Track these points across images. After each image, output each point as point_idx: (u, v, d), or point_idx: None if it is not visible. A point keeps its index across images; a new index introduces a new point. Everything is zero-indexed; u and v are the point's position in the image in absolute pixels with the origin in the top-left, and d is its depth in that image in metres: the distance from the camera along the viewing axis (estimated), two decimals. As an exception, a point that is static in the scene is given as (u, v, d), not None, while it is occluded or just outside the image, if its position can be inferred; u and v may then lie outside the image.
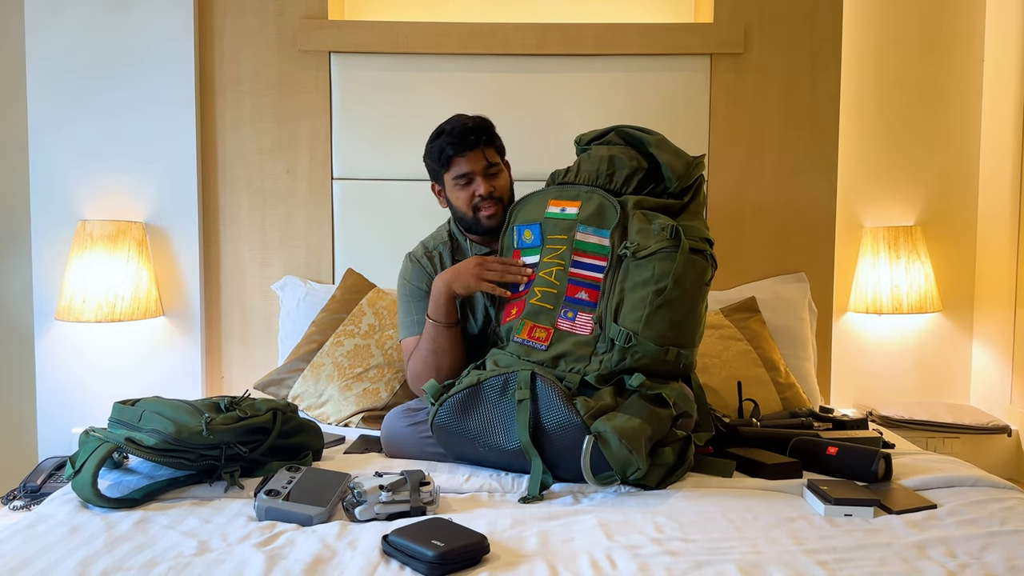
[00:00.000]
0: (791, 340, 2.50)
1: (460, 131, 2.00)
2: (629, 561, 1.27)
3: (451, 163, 2.01)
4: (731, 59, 2.62)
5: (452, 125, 2.03)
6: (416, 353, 2.00)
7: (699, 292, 1.78)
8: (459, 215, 2.07)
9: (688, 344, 1.77)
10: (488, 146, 2.02)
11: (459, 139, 1.99)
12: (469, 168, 2.00)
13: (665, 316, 1.73)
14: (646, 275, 1.74)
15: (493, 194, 2.01)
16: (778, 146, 2.65)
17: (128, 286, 2.47)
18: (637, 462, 1.55)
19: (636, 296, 1.74)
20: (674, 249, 1.75)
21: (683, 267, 1.73)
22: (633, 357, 1.72)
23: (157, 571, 1.23)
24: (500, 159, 2.08)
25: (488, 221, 2.02)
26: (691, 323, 1.78)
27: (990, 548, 1.32)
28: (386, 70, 2.62)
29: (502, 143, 2.10)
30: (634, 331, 1.72)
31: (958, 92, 2.81)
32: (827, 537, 1.38)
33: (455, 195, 2.05)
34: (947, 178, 2.83)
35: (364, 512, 1.45)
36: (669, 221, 1.79)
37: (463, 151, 1.99)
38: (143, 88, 2.57)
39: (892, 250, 2.73)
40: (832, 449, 1.75)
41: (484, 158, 2.01)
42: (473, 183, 2.02)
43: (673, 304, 1.73)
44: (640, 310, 1.73)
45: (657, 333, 1.72)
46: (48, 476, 2.10)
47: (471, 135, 1.99)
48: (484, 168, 2.01)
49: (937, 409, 2.65)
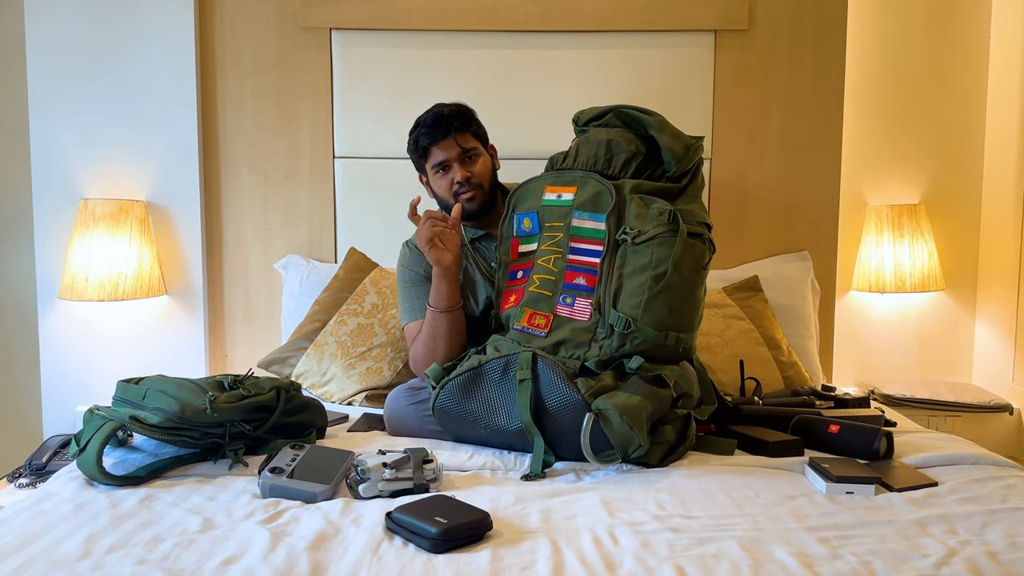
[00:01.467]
0: (793, 319, 2.50)
1: (432, 120, 2.02)
2: (631, 538, 1.27)
3: (427, 153, 2.04)
4: (735, 36, 2.60)
5: (427, 115, 2.04)
6: (418, 338, 2.00)
7: (697, 276, 1.78)
8: (442, 203, 2.09)
9: (687, 328, 1.77)
10: (462, 132, 2.03)
11: (431, 129, 2.01)
12: (444, 156, 2.02)
13: (664, 301, 1.72)
14: (644, 260, 1.74)
15: (471, 180, 2.02)
16: (782, 124, 2.63)
17: (131, 265, 2.47)
18: (638, 439, 1.56)
19: (635, 282, 1.74)
20: (672, 234, 1.74)
21: (681, 252, 1.73)
22: (633, 343, 1.72)
23: (163, 548, 1.24)
24: (480, 144, 2.07)
25: (468, 205, 2.04)
26: (690, 307, 1.77)
27: (991, 525, 1.33)
28: (387, 47, 2.60)
29: (481, 128, 2.10)
30: (633, 317, 1.71)
31: (964, 70, 2.79)
32: (828, 514, 1.38)
33: (436, 184, 2.07)
34: (951, 157, 2.81)
35: (368, 489, 1.46)
36: (667, 206, 1.78)
37: (436, 140, 2.01)
38: (143, 66, 2.55)
39: (896, 228, 2.72)
40: (834, 427, 1.75)
41: (458, 145, 2.02)
42: (450, 170, 2.03)
43: (672, 289, 1.73)
44: (639, 296, 1.73)
45: (656, 318, 1.72)
46: (53, 454, 2.11)
47: (443, 124, 2.01)
48: (459, 155, 2.02)
49: (939, 387, 2.65)
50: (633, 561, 1.19)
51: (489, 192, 2.07)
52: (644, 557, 1.20)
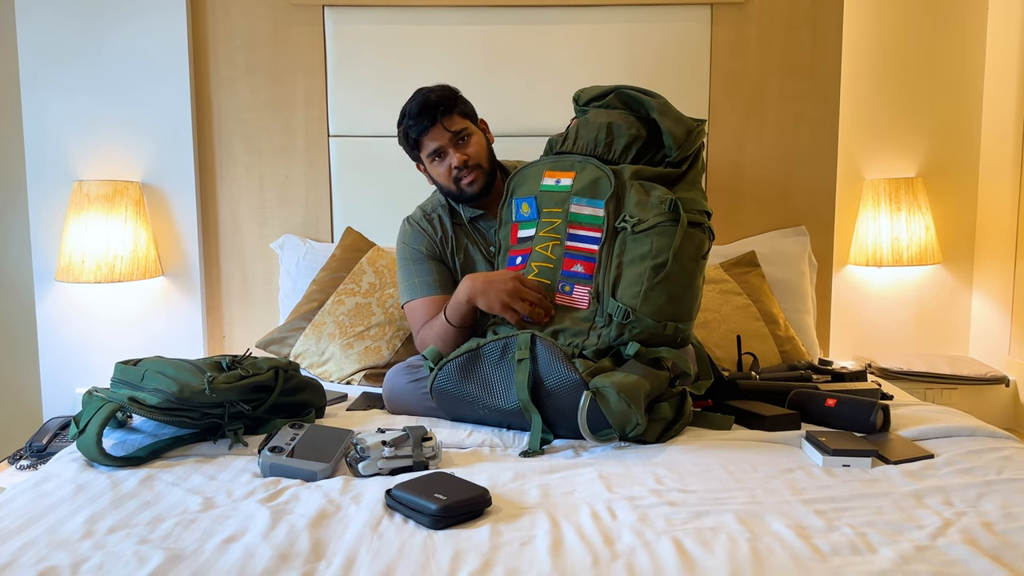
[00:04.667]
0: (791, 293, 2.50)
1: (418, 109, 1.98)
2: (629, 512, 1.28)
3: (419, 144, 2.02)
4: (732, 9, 2.58)
5: (411, 104, 2.01)
6: (428, 329, 1.98)
7: (696, 266, 1.77)
8: (444, 189, 2.07)
9: (685, 318, 1.77)
10: (447, 116, 1.99)
11: (418, 118, 1.98)
12: (437, 144, 1.99)
13: (663, 291, 1.72)
14: (644, 249, 1.73)
15: (468, 162, 2.00)
16: (779, 98, 2.62)
17: (127, 246, 2.47)
18: (636, 418, 1.56)
19: (634, 271, 1.73)
20: (673, 223, 1.72)
21: (681, 242, 1.72)
22: (631, 332, 1.72)
23: (164, 527, 1.24)
24: (469, 122, 2.04)
25: (470, 188, 2.02)
26: (688, 297, 1.77)
27: (986, 496, 1.34)
28: (380, 23, 2.57)
29: (468, 106, 2.06)
30: (632, 307, 1.71)
31: (962, 42, 2.77)
32: (825, 487, 1.39)
33: (435, 171, 2.04)
34: (949, 130, 2.80)
35: (367, 467, 1.46)
36: (668, 194, 1.76)
37: (425, 129, 1.98)
38: (136, 45, 2.53)
39: (893, 202, 2.72)
40: (831, 401, 1.76)
41: (447, 130, 1.98)
42: (446, 156, 2.00)
43: (671, 279, 1.72)
44: (638, 285, 1.72)
45: (655, 308, 1.72)
46: (53, 436, 2.12)
47: (429, 111, 1.97)
48: (451, 139, 1.99)
49: (936, 360, 2.66)
50: (631, 535, 1.20)
51: (489, 171, 2.04)
52: (642, 531, 1.21)
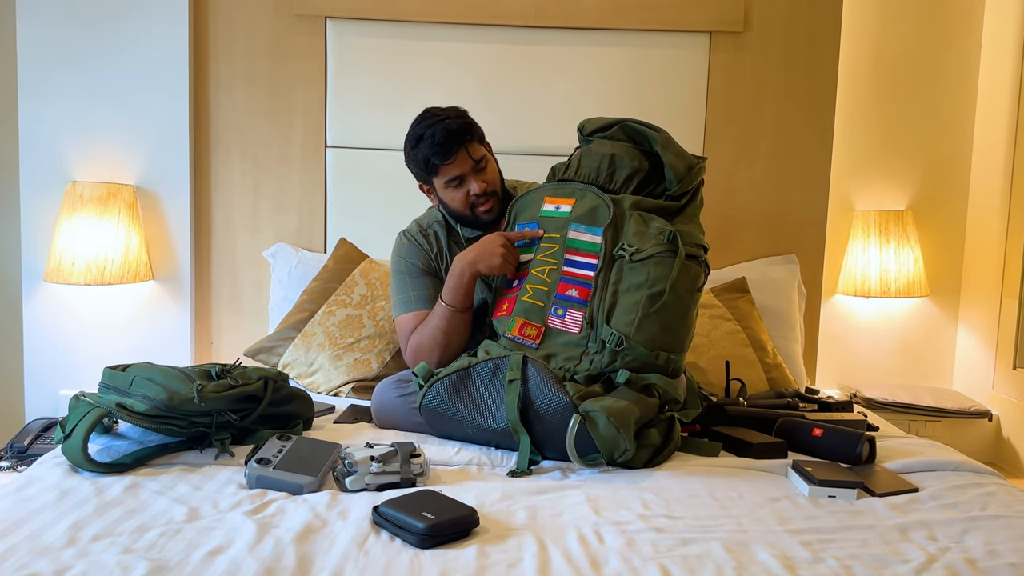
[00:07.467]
0: (779, 321, 2.52)
1: (442, 138, 1.93)
2: (616, 537, 1.28)
3: (439, 171, 1.98)
4: (730, 37, 2.61)
5: (432, 130, 1.94)
6: (422, 329, 1.97)
7: (692, 298, 1.78)
8: (456, 214, 2.05)
9: (678, 349, 1.78)
10: (471, 143, 1.97)
11: (443, 147, 1.93)
12: (459, 172, 1.97)
13: (658, 321, 1.73)
14: (640, 278, 1.74)
15: (487, 190, 1.99)
16: (774, 126, 2.65)
17: (118, 249, 2.46)
18: (625, 443, 1.56)
19: (630, 299, 1.74)
20: (671, 254, 1.73)
21: (678, 273, 1.73)
22: (623, 359, 1.72)
23: (148, 537, 1.23)
24: (485, 149, 2.04)
25: (487, 215, 2.02)
26: (682, 328, 1.78)
27: (970, 532, 1.35)
28: (382, 37, 2.59)
29: (481, 131, 2.04)
30: (626, 334, 1.72)
31: (955, 79, 2.81)
32: (811, 518, 1.40)
33: (449, 196, 2.02)
34: (940, 165, 2.84)
35: (355, 482, 1.46)
36: (667, 225, 1.77)
37: (450, 156, 1.94)
38: (136, 49, 2.53)
39: (883, 234, 2.74)
40: (817, 431, 1.77)
41: (470, 158, 1.97)
42: (465, 183, 1.99)
43: (667, 309, 1.73)
44: (633, 314, 1.73)
45: (649, 337, 1.72)
46: (35, 437, 2.10)
47: (455, 139, 1.93)
48: (473, 166, 1.98)
49: (920, 392, 2.68)
50: (618, 560, 1.20)
51: (502, 197, 2.05)
52: (629, 556, 1.21)
